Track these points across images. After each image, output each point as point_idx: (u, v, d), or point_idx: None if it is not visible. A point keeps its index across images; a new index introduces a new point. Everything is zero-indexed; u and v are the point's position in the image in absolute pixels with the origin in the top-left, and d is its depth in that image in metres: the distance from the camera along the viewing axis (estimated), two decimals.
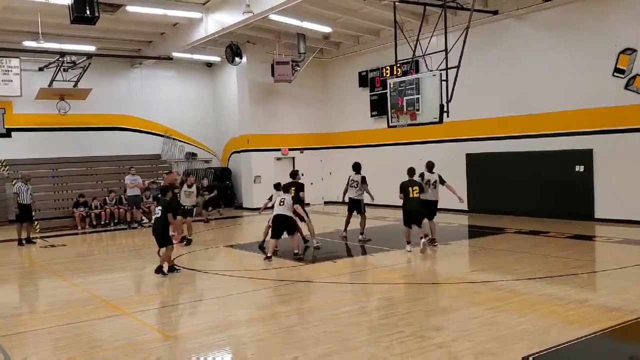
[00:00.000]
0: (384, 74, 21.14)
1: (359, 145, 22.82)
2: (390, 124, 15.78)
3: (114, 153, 23.14)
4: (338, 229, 14.65)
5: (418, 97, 14.68)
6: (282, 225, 11.85)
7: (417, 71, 17.62)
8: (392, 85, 15.50)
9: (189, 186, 14.53)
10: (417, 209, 12.03)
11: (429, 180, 12.68)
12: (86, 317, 7.95)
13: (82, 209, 19.09)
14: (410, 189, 11.99)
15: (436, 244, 12.46)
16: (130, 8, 17.11)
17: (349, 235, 13.93)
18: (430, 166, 12.88)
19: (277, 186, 12.89)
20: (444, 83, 14.26)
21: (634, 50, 14.53)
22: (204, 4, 18.07)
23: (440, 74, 14.31)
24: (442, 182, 12.79)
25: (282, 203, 11.84)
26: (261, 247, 12.91)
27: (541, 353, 5.86)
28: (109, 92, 23.08)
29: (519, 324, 6.86)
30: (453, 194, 12.96)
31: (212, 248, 14.41)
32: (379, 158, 20.65)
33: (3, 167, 20.83)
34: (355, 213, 13.86)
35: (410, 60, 16.68)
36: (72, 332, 7.29)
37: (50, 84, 21.02)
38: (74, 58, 20.36)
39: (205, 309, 8.41)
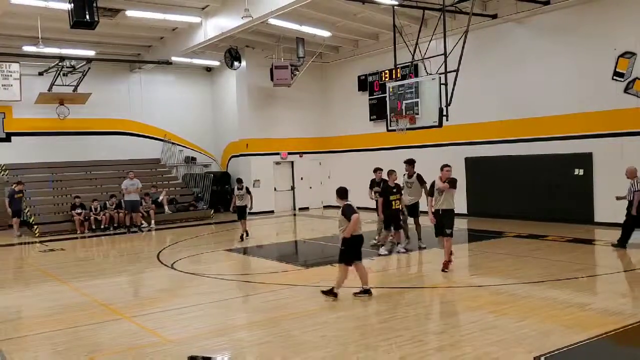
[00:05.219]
0: (383, 78, 21.16)
1: (358, 149, 22.85)
2: (390, 128, 15.80)
3: (114, 157, 23.15)
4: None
5: (417, 101, 14.70)
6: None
7: (416, 75, 17.63)
8: (391, 89, 15.52)
9: None
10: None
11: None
12: (86, 321, 7.94)
13: (79, 210, 19.04)
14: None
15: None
16: (129, 13, 17.14)
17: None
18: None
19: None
20: (443, 87, 14.28)
21: (633, 54, 14.55)
22: (203, 8, 18.10)
23: (440, 77, 14.33)
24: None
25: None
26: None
27: (542, 356, 5.86)
28: (109, 97, 23.10)
29: (519, 328, 6.85)
30: None
31: (211, 252, 14.40)
32: (378, 162, 20.60)
33: (3, 172, 20.82)
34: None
35: (409, 64, 16.70)
36: (71, 336, 7.28)
37: (50, 89, 21.07)
38: (73, 63, 20.37)
39: (205, 312, 8.40)
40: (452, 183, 10.26)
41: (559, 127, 16.16)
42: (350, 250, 8.58)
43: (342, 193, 8.82)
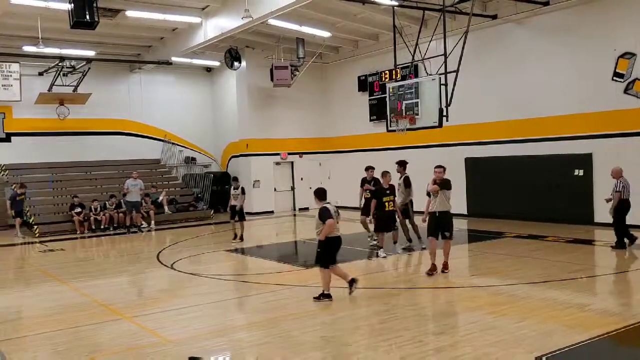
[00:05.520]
0: (383, 79, 21.15)
1: (358, 150, 22.85)
2: (390, 129, 15.80)
3: (114, 158, 23.14)
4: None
5: (417, 102, 14.69)
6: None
7: (416, 75, 17.64)
8: (391, 90, 15.52)
9: None
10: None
11: None
12: (86, 322, 7.95)
13: (78, 210, 19.02)
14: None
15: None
16: (129, 13, 17.14)
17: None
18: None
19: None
20: (443, 87, 14.28)
21: (633, 55, 14.55)
22: (203, 9, 18.10)
23: (440, 78, 14.33)
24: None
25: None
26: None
27: (544, 356, 5.86)
28: (109, 97, 23.09)
29: (518, 328, 6.86)
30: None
31: (211, 252, 14.40)
32: (378, 163, 20.60)
33: (3, 172, 20.82)
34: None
35: (409, 64, 16.70)
36: (72, 337, 7.29)
37: (50, 89, 21.06)
38: (73, 63, 20.36)
39: (205, 313, 8.40)
40: (445, 184, 10.05)
41: (559, 127, 16.15)
42: (327, 253, 8.52)
43: (320, 194, 8.74)
